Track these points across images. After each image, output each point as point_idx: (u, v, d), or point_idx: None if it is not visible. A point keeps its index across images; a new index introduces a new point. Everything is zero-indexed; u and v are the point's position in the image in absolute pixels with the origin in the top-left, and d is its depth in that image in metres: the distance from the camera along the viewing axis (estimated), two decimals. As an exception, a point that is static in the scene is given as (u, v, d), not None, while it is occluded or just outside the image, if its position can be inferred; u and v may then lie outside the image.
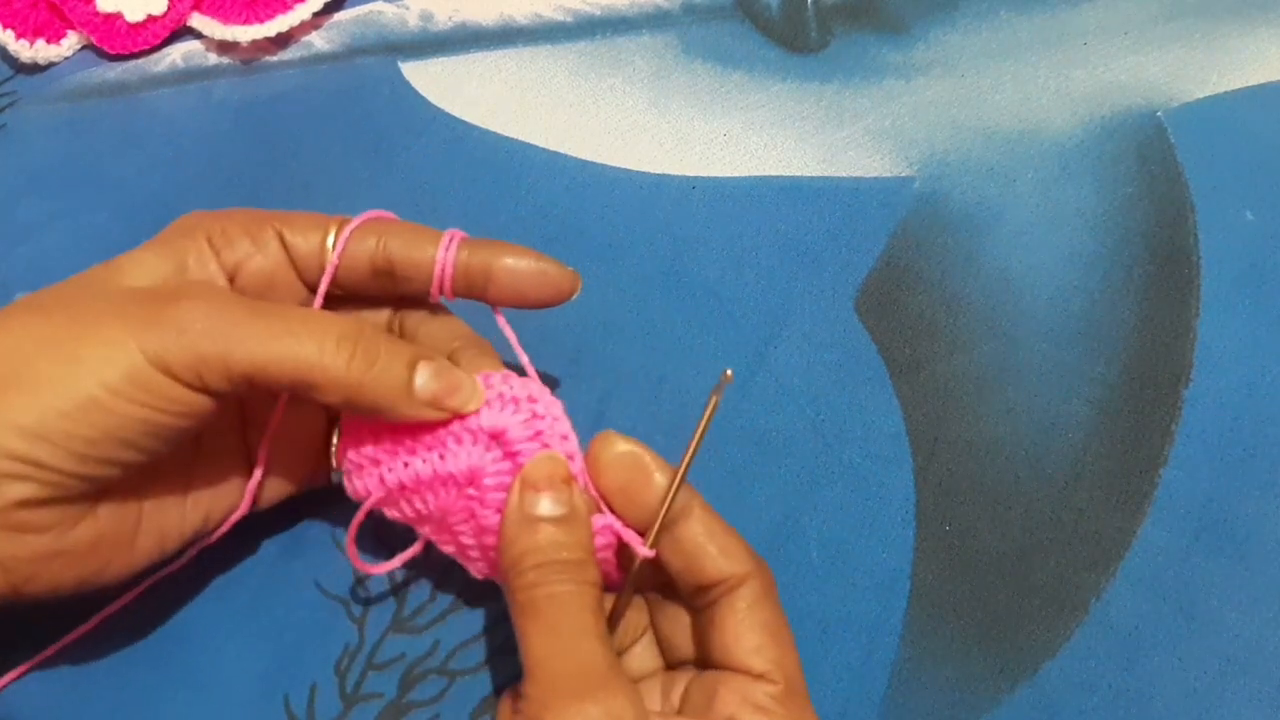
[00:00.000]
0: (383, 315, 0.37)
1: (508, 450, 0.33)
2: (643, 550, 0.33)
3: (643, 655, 0.35)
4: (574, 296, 0.36)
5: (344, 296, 0.36)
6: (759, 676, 0.32)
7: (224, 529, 0.37)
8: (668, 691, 0.34)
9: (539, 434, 0.33)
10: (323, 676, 0.38)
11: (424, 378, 0.33)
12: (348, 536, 0.35)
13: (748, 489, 0.40)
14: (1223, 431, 0.41)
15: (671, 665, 0.35)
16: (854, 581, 0.39)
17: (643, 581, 0.35)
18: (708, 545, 0.33)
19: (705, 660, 0.34)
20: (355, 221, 0.36)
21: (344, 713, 0.37)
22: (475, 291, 0.36)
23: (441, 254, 0.35)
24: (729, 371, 0.33)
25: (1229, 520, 0.39)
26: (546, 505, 0.32)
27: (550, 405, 0.34)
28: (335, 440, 0.37)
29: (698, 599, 0.34)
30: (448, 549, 0.36)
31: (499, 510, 0.33)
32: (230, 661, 0.38)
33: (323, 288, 0.35)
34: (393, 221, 0.36)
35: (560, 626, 0.31)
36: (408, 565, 0.37)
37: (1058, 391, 0.42)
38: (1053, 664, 0.37)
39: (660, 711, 0.34)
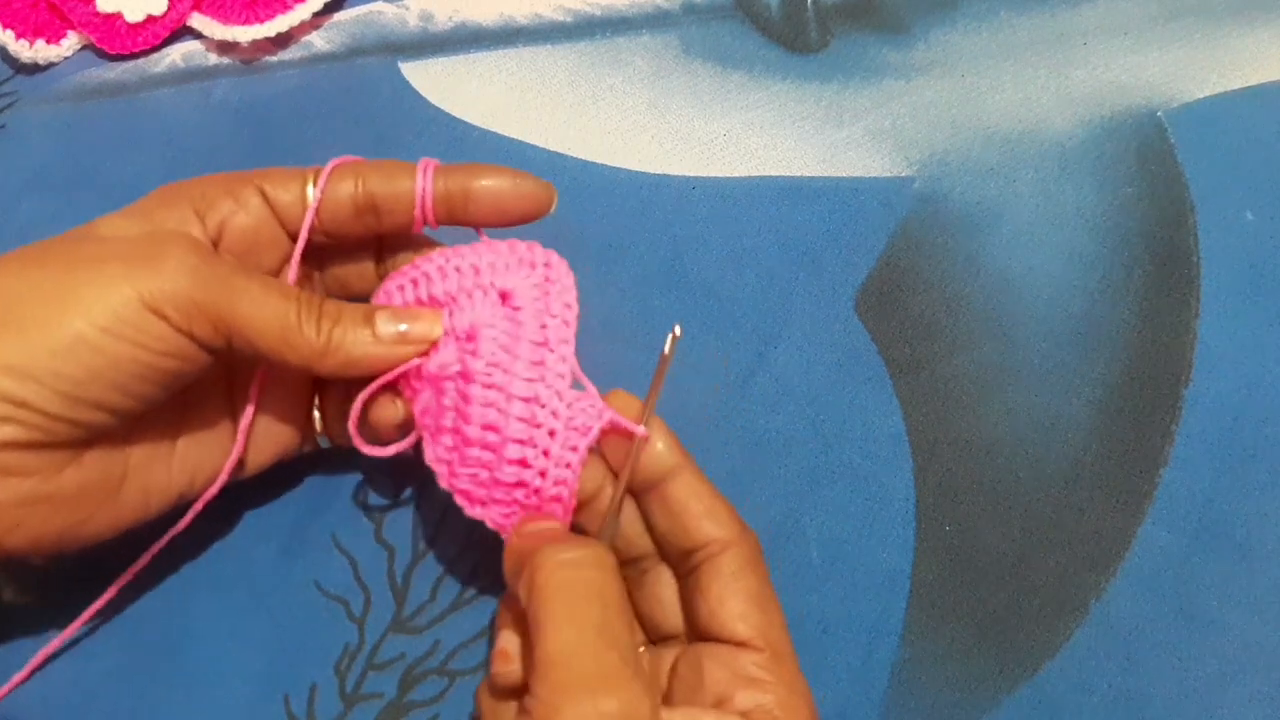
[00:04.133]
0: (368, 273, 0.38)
1: (512, 307, 0.34)
2: (639, 430, 0.33)
3: None
4: (553, 209, 0.37)
5: (330, 244, 0.37)
6: (742, 644, 0.32)
7: (220, 483, 0.37)
8: (654, 672, 0.34)
9: (546, 295, 0.35)
10: (323, 676, 0.38)
11: (383, 322, 0.34)
12: (357, 404, 0.35)
13: (748, 489, 0.40)
14: (1223, 431, 0.41)
15: (654, 641, 0.35)
16: (854, 581, 0.39)
17: (628, 550, 0.35)
18: (693, 506, 0.34)
19: (690, 630, 0.34)
20: (331, 164, 0.36)
21: (344, 713, 0.37)
22: (457, 215, 0.37)
23: (420, 183, 0.36)
24: (678, 329, 0.35)
25: (1229, 520, 0.39)
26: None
27: (561, 272, 0.35)
28: (317, 408, 0.38)
29: (683, 565, 0.34)
30: (436, 445, 0.35)
31: (480, 423, 0.33)
32: (230, 661, 0.38)
33: (304, 231, 0.36)
34: (367, 161, 0.37)
35: (581, 618, 0.30)
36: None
37: (1058, 391, 0.42)
38: (1053, 664, 0.37)
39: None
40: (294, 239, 0.37)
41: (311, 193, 0.36)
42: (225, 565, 0.39)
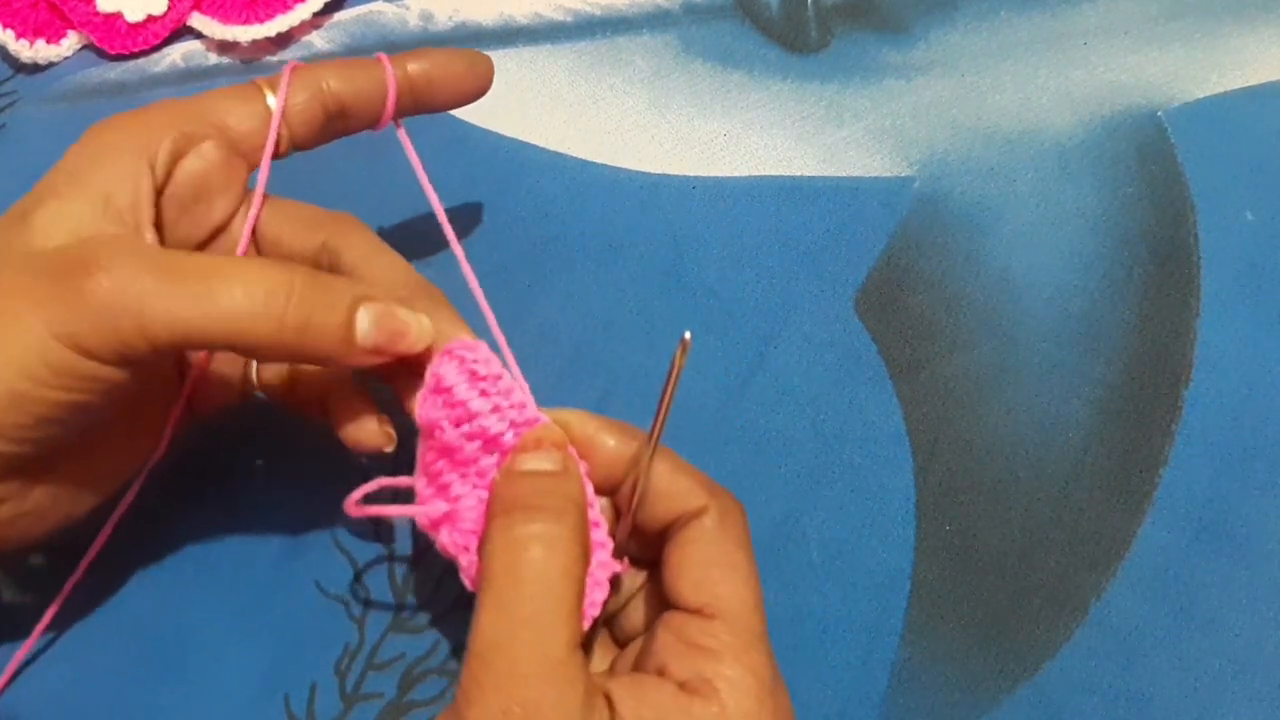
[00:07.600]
0: (311, 244, 0.36)
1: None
2: (618, 568, 0.32)
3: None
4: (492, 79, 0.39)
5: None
6: (695, 612, 0.30)
7: (168, 438, 0.36)
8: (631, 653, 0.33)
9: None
10: (323, 676, 0.38)
11: (365, 326, 0.31)
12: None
13: (748, 489, 0.40)
14: (1223, 431, 0.41)
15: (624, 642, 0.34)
16: (854, 581, 0.39)
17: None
18: (661, 487, 0.32)
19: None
20: (288, 68, 0.35)
21: (344, 713, 0.37)
22: (423, 104, 0.37)
23: (390, 74, 0.36)
24: (688, 335, 0.30)
25: (1229, 520, 0.39)
26: (533, 461, 0.31)
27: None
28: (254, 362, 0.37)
29: (660, 547, 0.32)
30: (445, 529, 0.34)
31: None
32: (230, 661, 0.38)
33: (269, 147, 0.35)
34: (318, 66, 0.36)
35: (511, 607, 0.28)
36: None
37: (1058, 391, 0.42)
38: (1053, 664, 0.37)
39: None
40: (255, 166, 0.35)
41: (273, 102, 0.35)
42: (225, 565, 0.39)
